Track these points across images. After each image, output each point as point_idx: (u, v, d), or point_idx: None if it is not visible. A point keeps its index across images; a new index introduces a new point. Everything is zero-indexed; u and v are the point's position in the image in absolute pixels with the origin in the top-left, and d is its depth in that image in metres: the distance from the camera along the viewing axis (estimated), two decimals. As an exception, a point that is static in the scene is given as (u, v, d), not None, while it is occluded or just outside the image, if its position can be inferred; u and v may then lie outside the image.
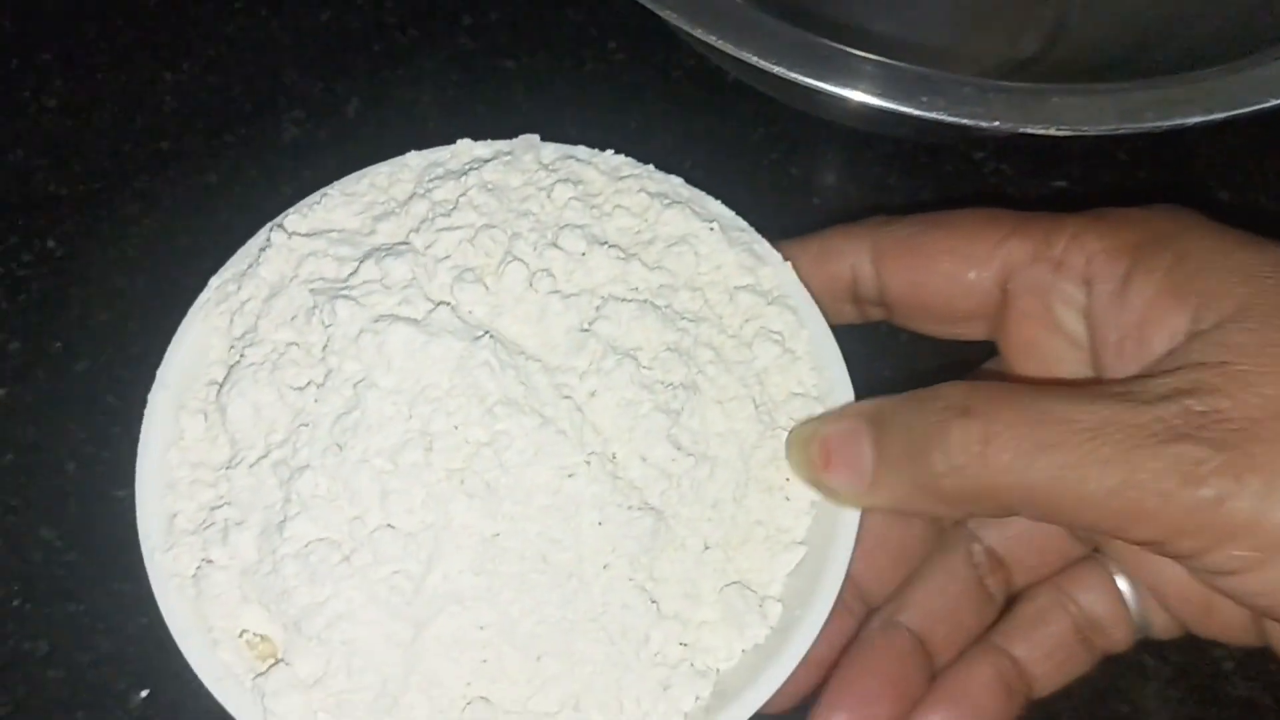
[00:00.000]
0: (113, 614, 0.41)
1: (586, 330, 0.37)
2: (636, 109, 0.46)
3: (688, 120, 0.49)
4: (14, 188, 0.50)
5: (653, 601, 0.35)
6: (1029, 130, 0.38)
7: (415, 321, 0.35)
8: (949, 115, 0.38)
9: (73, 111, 0.53)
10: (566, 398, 0.36)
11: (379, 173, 0.41)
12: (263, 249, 0.39)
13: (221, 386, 0.37)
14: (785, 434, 0.38)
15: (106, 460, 0.45)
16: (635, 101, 0.51)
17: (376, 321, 0.35)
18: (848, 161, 0.51)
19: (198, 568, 0.35)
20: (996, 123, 0.38)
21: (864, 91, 0.40)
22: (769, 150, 0.51)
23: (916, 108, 0.39)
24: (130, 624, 0.41)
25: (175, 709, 0.39)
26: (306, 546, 0.34)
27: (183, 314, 0.39)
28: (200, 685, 0.34)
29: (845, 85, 0.40)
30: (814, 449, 0.36)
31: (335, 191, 0.41)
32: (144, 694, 0.40)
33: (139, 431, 0.37)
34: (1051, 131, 0.38)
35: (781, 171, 0.50)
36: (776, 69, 0.40)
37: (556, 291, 0.37)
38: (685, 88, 0.52)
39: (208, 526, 0.36)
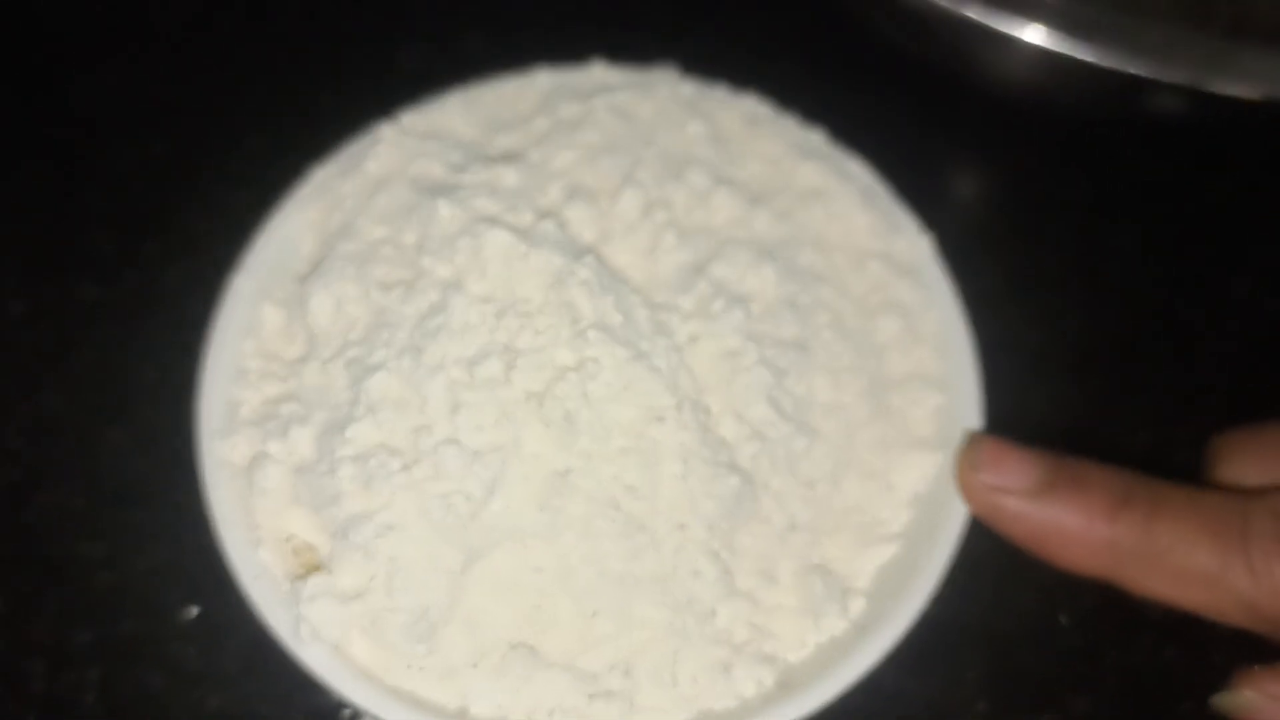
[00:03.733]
0: (175, 525, 0.39)
1: (698, 270, 0.34)
2: (774, 71, 0.43)
3: (827, 87, 0.46)
4: (128, 92, 0.50)
5: (726, 573, 0.32)
6: (1214, 90, 0.34)
7: (517, 229, 0.33)
8: (1126, 65, 0.34)
9: (197, 25, 0.52)
10: (666, 336, 0.33)
11: (505, 85, 0.39)
12: (373, 144, 0.37)
13: (307, 278, 0.35)
14: (899, 417, 0.35)
15: (187, 369, 0.43)
16: (774, 63, 0.48)
17: (476, 224, 0.33)
18: (992, 145, 0.47)
19: (252, 459, 0.33)
20: (1179, 79, 0.34)
21: (1032, 35, 0.36)
22: (911, 127, 0.47)
23: (1091, 55, 0.35)
24: (191, 538, 0.39)
25: (223, 632, 0.37)
26: (366, 450, 0.32)
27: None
28: (252, 606, 0.32)
29: (1014, 24, 0.36)
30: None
31: (456, 98, 0.39)
32: (194, 611, 0.38)
33: None
34: (1242, 94, 0.34)
35: (921, 151, 0.47)
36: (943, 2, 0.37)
37: (673, 225, 0.34)
38: (829, 54, 0.49)
39: (270, 419, 0.34)
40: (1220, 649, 0.38)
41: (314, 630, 0.31)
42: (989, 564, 0.39)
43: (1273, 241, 0.46)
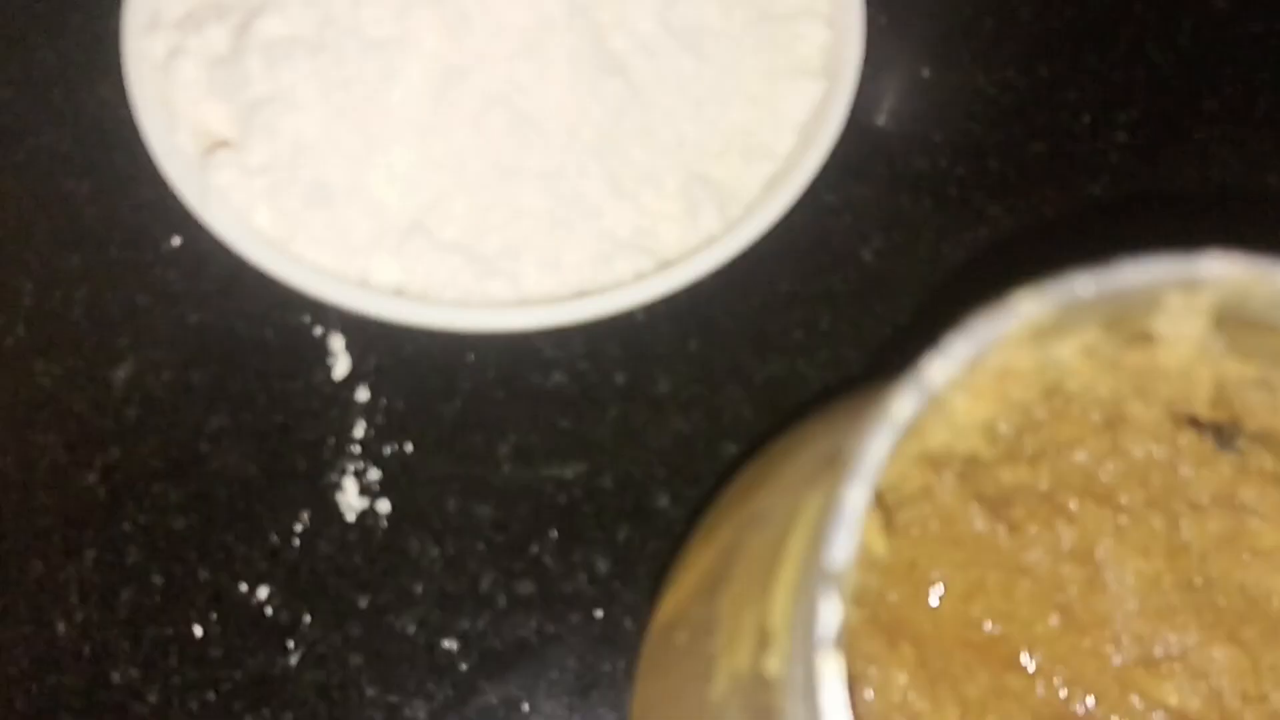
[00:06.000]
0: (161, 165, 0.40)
1: (598, -111, 0.36)
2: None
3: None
4: None
5: (613, 176, 0.34)
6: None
7: None
8: None
9: None
10: (562, -57, 0.34)
11: None
12: None
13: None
14: (787, 49, 0.37)
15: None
16: None
17: None
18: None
19: (170, 53, 0.35)
20: None
21: None
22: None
23: None
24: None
25: (202, 260, 0.38)
26: (275, 40, 0.34)
27: None
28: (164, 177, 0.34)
29: None
30: None
31: None
32: (178, 241, 0.39)
33: None
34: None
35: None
36: None
37: None
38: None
39: (188, 19, 0.36)
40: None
41: (221, 197, 0.33)
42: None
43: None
